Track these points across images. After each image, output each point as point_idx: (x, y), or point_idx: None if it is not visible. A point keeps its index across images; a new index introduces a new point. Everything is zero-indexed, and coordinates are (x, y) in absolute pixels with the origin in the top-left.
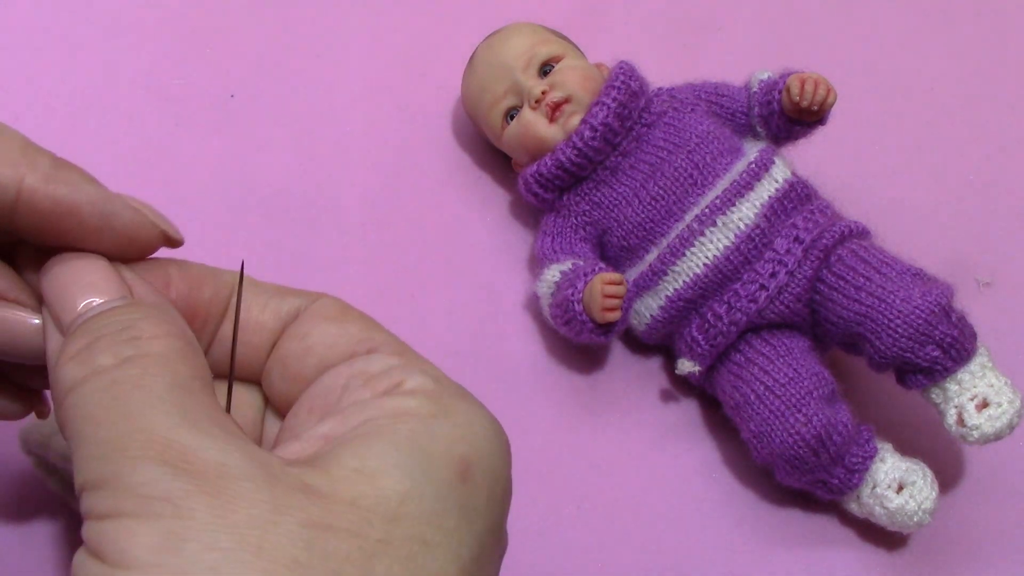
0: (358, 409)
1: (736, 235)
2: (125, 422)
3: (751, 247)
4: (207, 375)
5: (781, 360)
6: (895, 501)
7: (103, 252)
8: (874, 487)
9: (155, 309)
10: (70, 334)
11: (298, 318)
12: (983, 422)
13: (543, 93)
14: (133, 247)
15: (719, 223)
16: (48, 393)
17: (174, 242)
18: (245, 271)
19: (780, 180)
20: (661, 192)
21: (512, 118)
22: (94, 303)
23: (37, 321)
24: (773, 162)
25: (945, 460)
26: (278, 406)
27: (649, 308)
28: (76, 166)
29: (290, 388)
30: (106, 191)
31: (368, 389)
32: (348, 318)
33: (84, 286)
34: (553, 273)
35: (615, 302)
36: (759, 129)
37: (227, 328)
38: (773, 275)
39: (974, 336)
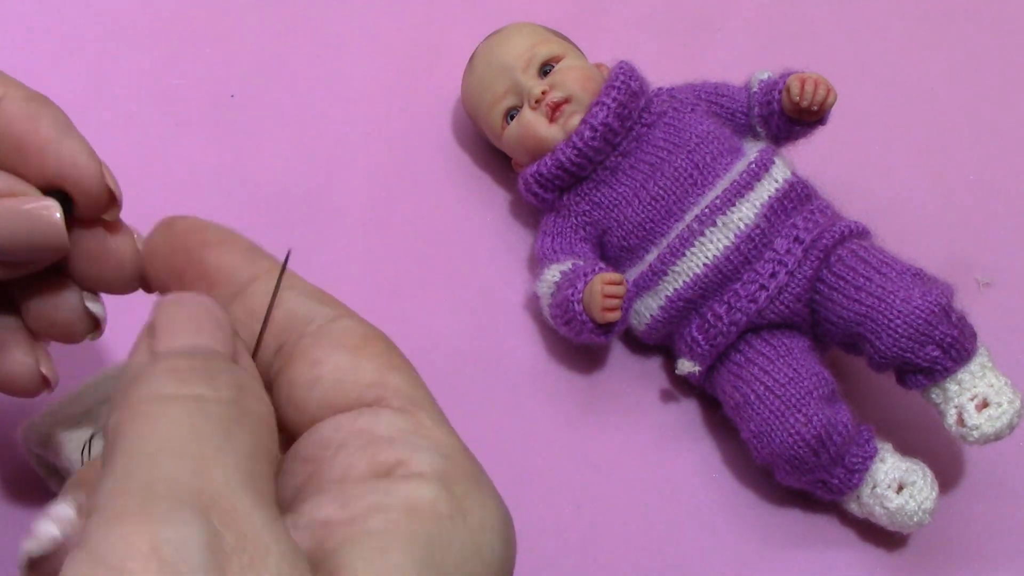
0: (361, 493)
1: (736, 235)
2: (194, 461)
3: (751, 247)
4: (277, 466)
5: (781, 360)
6: (895, 501)
7: (44, 175)
8: (874, 487)
9: (259, 381)
10: (175, 353)
11: (315, 338)
12: (983, 422)
13: (543, 93)
14: (71, 179)
15: (719, 223)
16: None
17: (113, 200)
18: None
19: (780, 180)
20: (661, 192)
21: (512, 118)
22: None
23: (59, 215)
24: (773, 162)
25: (945, 460)
26: (281, 426)
27: (649, 308)
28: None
29: (293, 416)
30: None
31: (366, 457)
32: (365, 352)
33: (202, 327)
34: (553, 273)
35: (615, 302)
36: (759, 129)
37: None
38: (773, 275)
39: (974, 336)
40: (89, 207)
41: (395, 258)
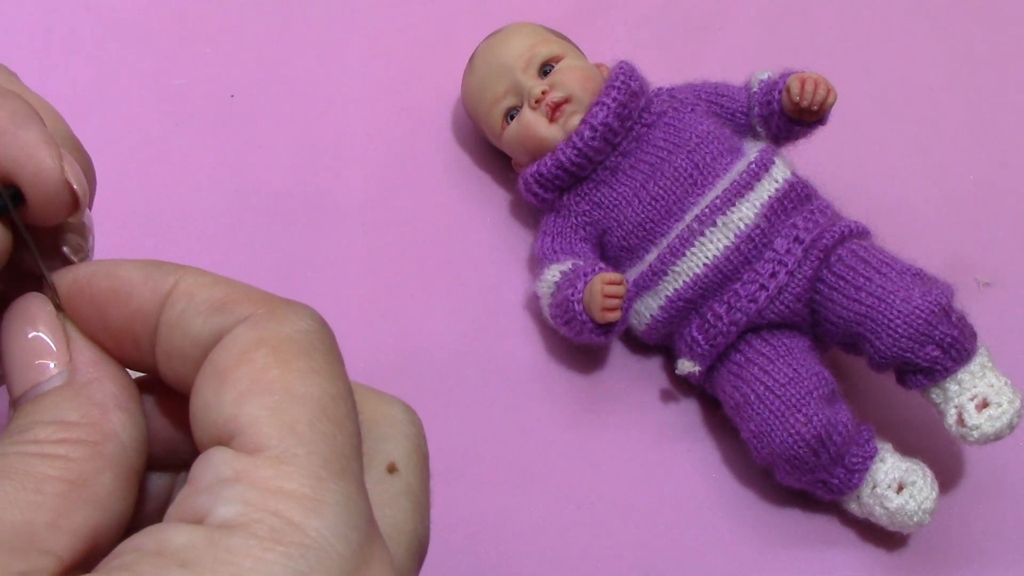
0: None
1: (736, 235)
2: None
3: (751, 247)
4: (77, 510)
5: (781, 360)
6: (895, 501)
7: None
8: (874, 487)
9: (73, 403)
10: (18, 402)
11: (205, 362)
12: (983, 422)
13: (543, 93)
14: (24, 173)
15: (719, 223)
16: None
17: (75, 200)
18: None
19: (780, 180)
20: (661, 192)
21: (512, 118)
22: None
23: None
24: (773, 162)
25: (945, 460)
26: None
27: (649, 308)
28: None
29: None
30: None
31: (182, 506)
32: (233, 375)
33: (30, 358)
34: (553, 273)
35: (615, 302)
36: (759, 129)
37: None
38: (773, 275)
39: (974, 336)
40: (48, 206)
41: (395, 258)
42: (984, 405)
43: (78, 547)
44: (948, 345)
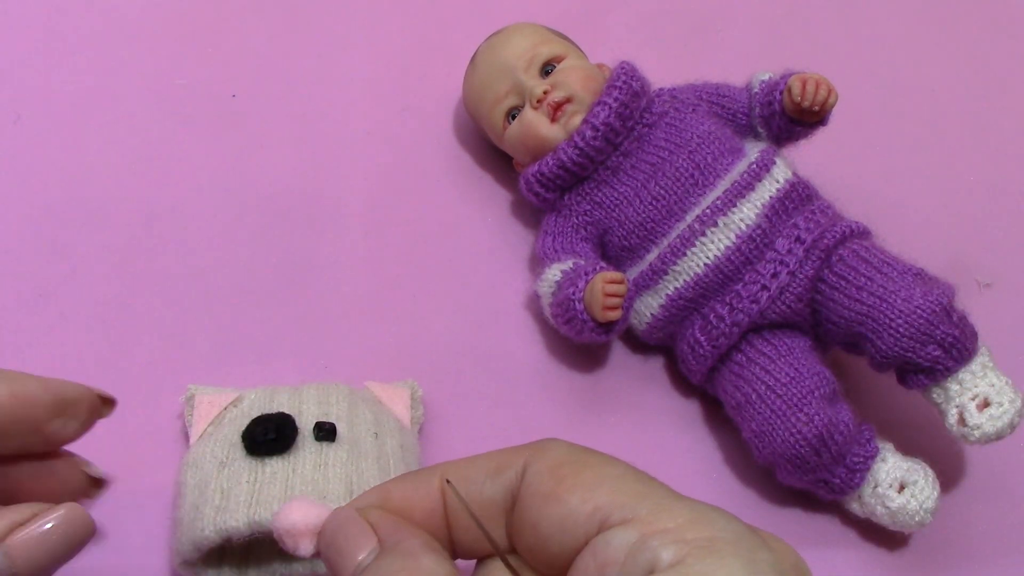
0: None
1: (737, 235)
2: None
3: (752, 247)
4: None
5: (782, 360)
6: (897, 501)
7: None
8: (875, 487)
9: (397, 557)
10: None
11: (519, 500)
12: (984, 422)
13: (545, 93)
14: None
15: (720, 223)
16: None
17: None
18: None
19: (781, 180)
20: (662, 192)
21: (514, 118)
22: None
23: (77, 520)
24: (774, 162)
25: (946, 460)
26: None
27: (649, 307)
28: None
29: (550, 570)
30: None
31: None
32: (563, 487)
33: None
34: (554, 272)
35: (616, 301)
36: (760, 130)
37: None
38: (775, 275)
39: (975, 336)
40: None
41: (396, 258)
42: (985, 405)
43: None
44: (949, 345)
